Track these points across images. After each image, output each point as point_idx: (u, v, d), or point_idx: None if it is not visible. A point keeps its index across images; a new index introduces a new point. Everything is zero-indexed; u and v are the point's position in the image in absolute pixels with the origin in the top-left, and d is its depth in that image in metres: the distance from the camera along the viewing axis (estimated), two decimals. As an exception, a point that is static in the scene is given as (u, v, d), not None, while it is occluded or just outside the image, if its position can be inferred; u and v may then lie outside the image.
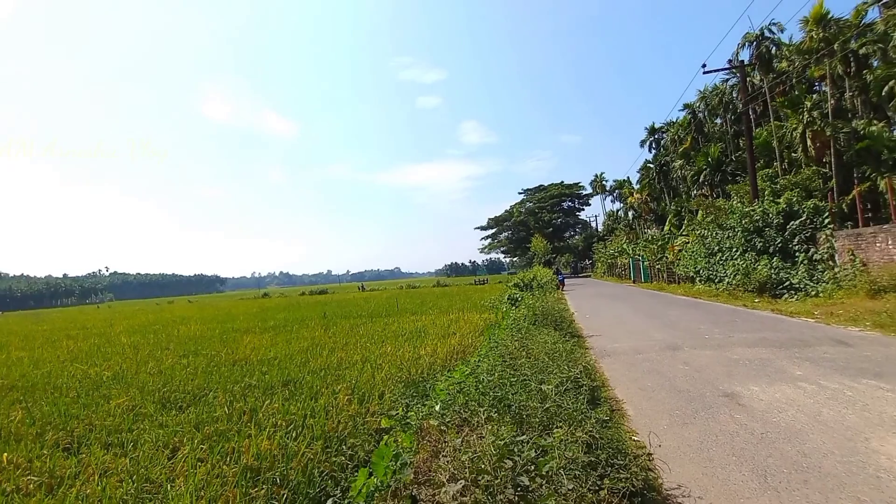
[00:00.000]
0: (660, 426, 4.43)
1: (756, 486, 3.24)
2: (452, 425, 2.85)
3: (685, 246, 24.91)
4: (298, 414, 4.72)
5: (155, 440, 4.32)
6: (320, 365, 7.39)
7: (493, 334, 7.82)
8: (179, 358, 9.27)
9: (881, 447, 3.68)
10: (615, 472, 2.61)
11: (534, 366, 4.84)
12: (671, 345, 8.59)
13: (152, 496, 3.27)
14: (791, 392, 5.20)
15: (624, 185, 67.08)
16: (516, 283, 23.40)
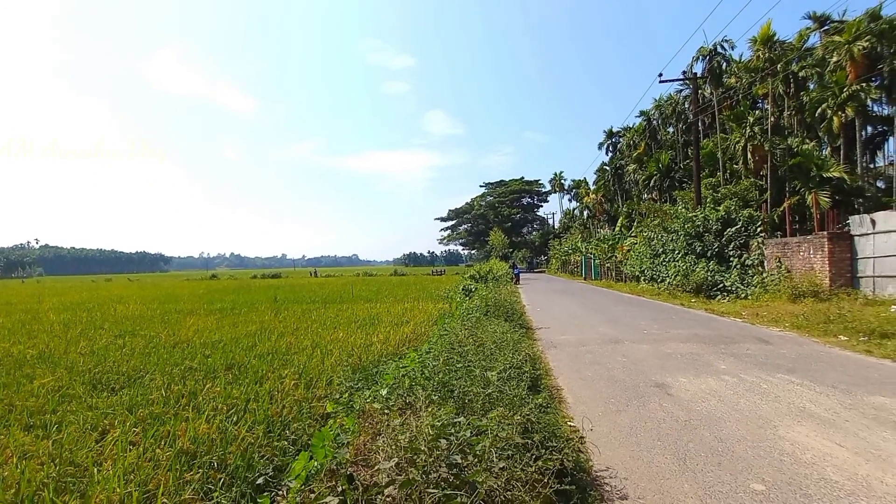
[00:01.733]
0: (595, 413, 4.70)
1: (676, 468, 3.52)
2: (395, 408, 2.90)
3: (633, 247, 26.13)
4: (241, 398, 4.61)
5: (82, 422, 4.09)
6: (268, 349, 7.22)
7: (446, 323, 7.93)
8: (115, 338, 8.76)
9: (786, 434, 4.08)
10: (548, 454, 2.76)
11: (480, 354, 4.97)
12: (613, 338, 9.05)
13: (76, 480, 3.11)
14: (714, 384, 5.64)
15: (581, 185, 69.21)
16: (472, 274, 23.73)
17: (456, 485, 1.84)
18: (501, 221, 79.40)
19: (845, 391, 5.17)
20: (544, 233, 79.55)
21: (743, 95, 33.83)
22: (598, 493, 3.13)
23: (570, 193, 78.97)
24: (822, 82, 28.83)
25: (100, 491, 2.73)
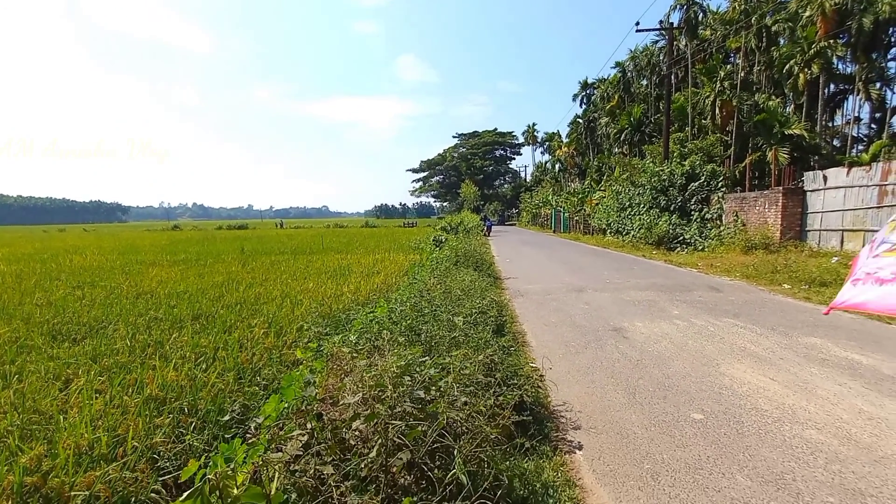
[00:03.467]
0: (556, 354, 4.98)
1: (626, 402, 3.82)
2: (363, 352, 2.99)
3: (601, 200, 26.65)
4: (209, 347, 4.60)
5: (44, 372, 4.02)
6: (236, 300, 7.15)
7: (416, 273, 8.02)
8: (73, 289, 8.45)
9: (727, 371, 4.46)
10: (509, 390, 2.94)
11: (448, 300, 5.10)
12: (577, 287, 9.42)
13: (42, 427, 3.10)
14: (667, 328, 6.03)
15: (554, 138, 68.92)
16: (443, 226, 23.78)
17: (419, 417, 1.96)
18: (474, 174, 78.79)
19: (783, 333, 5.64)
20: (516, 186, 79.71)
21: (716, 49, 33.75)
22: (554, 424, 3.39)
23: (542, 146, 78.61)
24: (793, 38, 29.03)
25: (67, 437, 2.74)
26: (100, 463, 2.56)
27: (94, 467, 2.48)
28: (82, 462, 2.53)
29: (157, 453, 2.77)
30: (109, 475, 2.39)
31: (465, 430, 2.11)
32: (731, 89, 29.72)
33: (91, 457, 2.60)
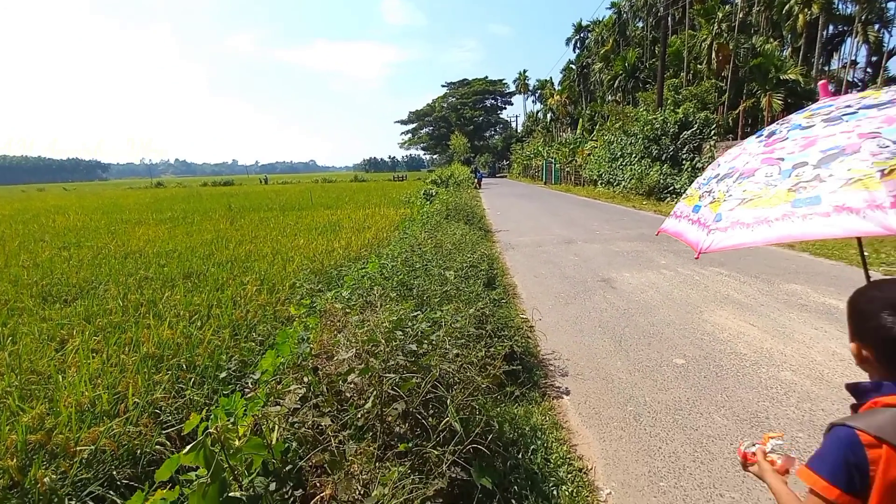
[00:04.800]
0: (545, 305, 5.10)
1: (612, 349, 3.97)
2: (356, 307, 3.03)
3: (593, 151, 26.33)
4: (203, 305, 4.63)
5: (38, 334, 4.04)
6: (226, 257, 7.13)
7: (407, 227, 8.00)
8: (59, 250, 8.35)
9: (709, 317, 4.61)
10: (500, 342, 3.03)
11: (439, 255, 5.13)
12: (567, 239, 9.51)
13: (41, 387, 3.14)
14: (654, 277, 6.17)
15: (546, 86, 66.82)
16: (434, 179, 23.50)
17: (413, 370, 2.02)
18: (464, 124, 76.85)
19: (765, 280, 5.80)
20: (507, 137, 78.12)
21: (716, -13, 32.22)
22: (543, 372, 3.53)
23: (534, 95, 76.33)
24: (795, -26, 27.77)
25: (67, 395, 2.79)
26: (102, 419, 2.63)
27: (97, 423, 2.55)
28: (85, 419, 2.60)
29: (159, 408, 2.85)
30: (113, 430, 2.47)
31: (458, 380, 2.19)
32: (728, 32, 28.71)
33: (93, 413, 2.67)
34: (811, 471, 0.96)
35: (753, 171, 1.18)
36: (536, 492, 2.11)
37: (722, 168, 1.35)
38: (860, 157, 0.97)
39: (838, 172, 0.98)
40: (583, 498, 2.20)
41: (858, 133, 1.03)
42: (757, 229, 1.05)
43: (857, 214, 0.91)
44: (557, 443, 2.62)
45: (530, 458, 2.35)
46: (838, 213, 0.93)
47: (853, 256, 6.78)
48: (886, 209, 0.87)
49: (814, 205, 0.97)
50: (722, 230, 1.14)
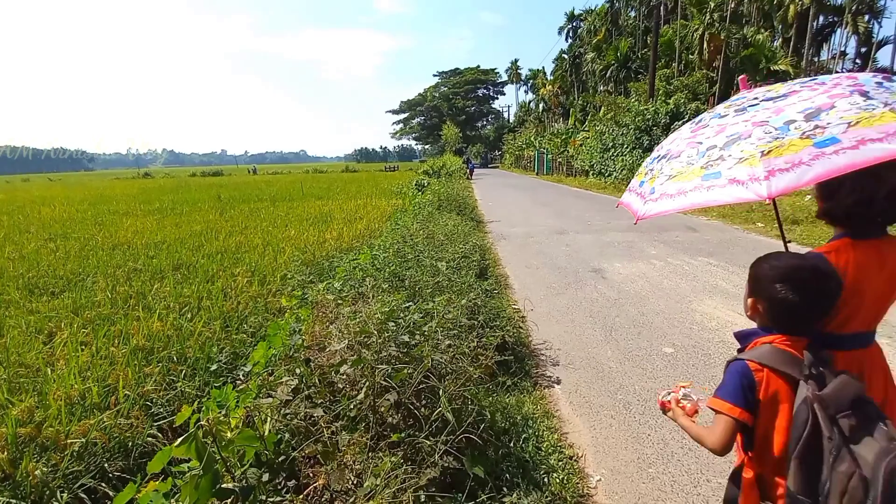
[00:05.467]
0: (537, 296, 5.13)
1: (602, 339, 4.01)
2: (348, 298, 3.02)
3: (585, 141, 26.33)
4: (193, 297, 4.59)
5: (25, 326, 3.99)
6: (216, 249, 7.07)
7: (398, 218, 7.98)
8: (45, 242, 8.22)
9: (698, 307, 4.67)
10: (491, 332, 3.05)
11: (431, 245, 5.13)
12: (559, 230, 9.54)
13: (30, 380, 3.11)
14: (644, 267, 6.23)
15: (538, 76, 66.51)
16: (425, 170, 23.40)
17: (405, 361, 2.03)
18: (456, 114, 76.37)
19: (753, 270, 5.87)
20: (499, 127, 77.80)
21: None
22: (534, 362, 3.56)
23: (526, 84, 75.96)
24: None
25: (56, 388, 2.77)
26: (93, 412, 2.61)
27: (87, 416, 2.54)
28: (75, 412, 2.58)
29: (150, 401, 2.84)
30: (104, 423, 2.45)
31: (450, 370, 2.20)
32: (720, 22, 28.73)
33: (83, 406, 2.65)
34: (718, 398, 1.24)
35: (680, 152, 1.39)
36: (528, 479, 2.14)
37: (662, 150, 1.56)
38: (750, 141, 1.18)
39: (734, 153, 1.19)
40: (573, 485, 2.24)
41: (753, 122, 1.24)
42: (677, 198, 1.27)
43: (742, 185, 1.11)
44: (548, 431, 2.65)
45: (522, 446, 2.38)
46: (730, 185, 1.13)
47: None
48: (761, 181, 1.08)
49: (716, 178, 1.19)
50: (653, 200, 1.36)
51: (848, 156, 1.03)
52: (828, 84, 1.27)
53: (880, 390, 1.36)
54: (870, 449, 1.02)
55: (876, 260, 1.30)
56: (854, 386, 1.10)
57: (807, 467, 1.09)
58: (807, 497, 1.09)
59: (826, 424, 1.06)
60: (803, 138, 1.11)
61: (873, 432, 1.04)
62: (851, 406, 1.07)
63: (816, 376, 1.12)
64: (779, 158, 1.09)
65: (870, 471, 1.00)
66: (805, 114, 1.17)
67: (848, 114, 1.11)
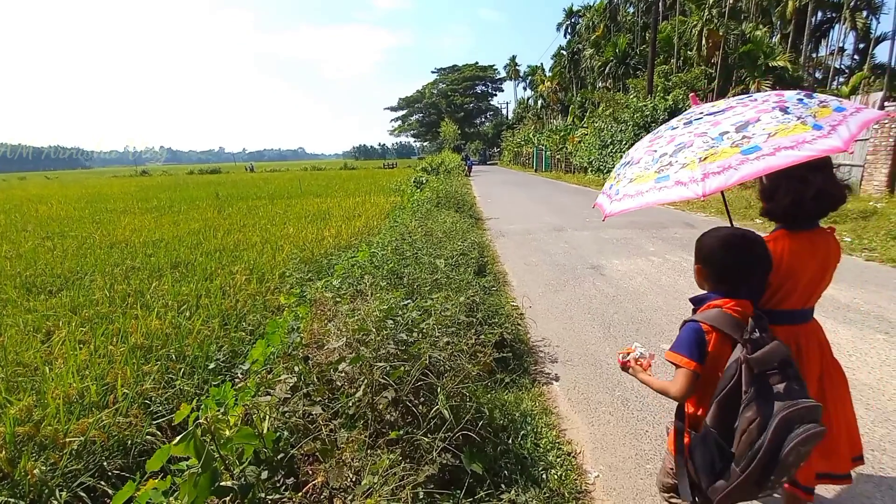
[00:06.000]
0: (536, 293, 5.13)
1: (600, 335, 4.02)
2: (346, 296, 3.02)
3: (584, 138, 26.30)
4: (191, 295, 4.59)
5: (23, 325, 3.98)
6: (215, 247, 7.06)
7: (397, 215, 7.97)
8: (42, 240, 8.20)
9: (696, 304, 4.68)
10: (490, 329, 3.05)
11: (430, 243, 5.13)
12: (558, 226, 9.55)
13: (28, 379, 3.11)
14: (643, 264, 6.23)
15: (536, 72, 66.34)
16: (424, 167, 23.37)
17: (403, 358, 2.03)
18: (454, 111, 76.19)
19: (751, 266, 5.88)
20: (497, 123, 77.64)
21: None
22: (532, 359, 3.57)
23: (525, 81, 75.79)
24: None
25: (55, 387, 2.76)
26: (91, 410, 2.61)
27: (85, 415, 2.54)
28: (73, 410, 2.58)
29: (149, 399, 2.84)
30: (103, 421, 2.45)
31: (448, 368, 2.20)
32: (718, 18, 28.67)
33: (82, 405, 2.65)
34: (676, 353, 1.47)
35: (640, 159, 1.61)
36: (526, 476, 2.15)
37: (627, 158, 1.78)
38: (692, 149, 1.40)
39: (680, 160, 1.40)
40: (571, 481, 2.25)
41: (695, 133, 1.46)
42: (636, 198, 1.48)
43: (685, 186, 1.31)
44: (547, 428, 2.66)
45: (520, 443, 2.39)
46: (676, 186, 1.34)
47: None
48: (699, 182, 1.28)
49: (665, 181, 1.39)
50: (618, 200, 1.59)
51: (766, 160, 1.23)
52: (758, 101, 1.49)
53: (816, 362, 1.60)
54: (778, 404, 1.25)
55: (808, 248, 1.56)
56: (782, 351, 1.31)
57: (722, 410, 1.35)
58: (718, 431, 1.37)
59: (746, 382, 1.29)
60: (733, 146, 1.31)
61: (787, 391, 1.27)
62: (778, 367, 1.30)
63: (754, 341, 1.32)
64: (713, 163, 1.30)
65: (767, 420, 1.24)
66: (736, 126, 1.38)
67: (769, 126, 1.32)
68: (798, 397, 1.27)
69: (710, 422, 1.39)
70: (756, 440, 1.25)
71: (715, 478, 1.39)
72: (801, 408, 1.25)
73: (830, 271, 1.63)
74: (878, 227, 7.30)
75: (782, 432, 1.23)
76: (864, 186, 10.36)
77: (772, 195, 1.60)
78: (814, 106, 1.41)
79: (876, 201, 9.30)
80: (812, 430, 1.24)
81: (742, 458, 1.29)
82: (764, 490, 1.34)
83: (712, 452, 1.39)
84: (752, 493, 1.36)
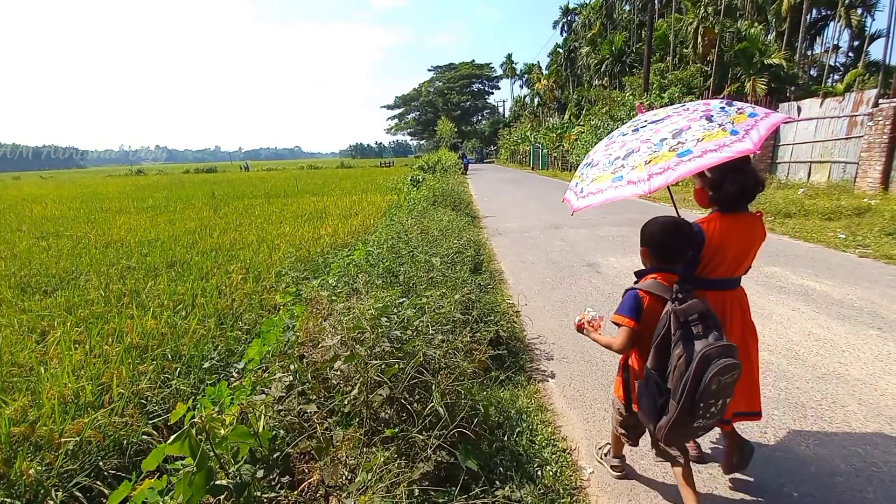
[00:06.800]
0: (532, 290, 5.15)
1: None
2: (342, 295, 3.03)
3: (580, 136, 26.32)
4: (187, 294, 4.58)
5: (17, 325, 3.97)
6: (211, 246, 7.04)
7: (393, 214, 7.97)
8: (37, 240, 8.17)
9: (691, 301, 4.70)
10: (485, 327, 3.06)
11: (426, 241, 5.13)
12: (554, 224, 9.57)
13: (23, 379, 3.10)
14: (638, 261, 6.25)
15: (533, 70, 66.30)
16: (420, 165, 23.35)
17: (398, 356, 2.04)
18: (451, 109, 76.14)
19: (746, 263, 5.92)
20: (494, 122, 77.60)
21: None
22: (528, 357, 3.58)
23: (521, 79, 75.75)
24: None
25: (50, 387, 2.76)
26: (87, 410, 2.60)
27: (81, 415, 2.53)
28: (69, 410, 2.57)
29: (145, 399, 2.84)
30: (98, 421, 2.45)
31: (443, 365, 2.21)
32: (714, 15, 28.73)
33: (77, 405, 2.65)
34: (619, 315, 1.80)
35: (598, 161, 1.90)
36: (521, 472, 2.16)
37: (589, 159, 2.05)
38: (639, 154, 1.68)
39: (630, 163, 1.69)
40: (566, 477, 2.26)
41: (641, 140, 1.75)
42: (597, 195, 1.74)
43: (635, 185, 1.60)
44: (542, 425, 2.67)
45: (516, 440, 2.40)
46: (628, 185, 1.63)
47: (830, 239, 6.96)
48: (645, 181, 1.57)
49: (619, 180, 1.67)
50: (583, 197, 1.85)
51: (696, 161, 1.53)
52: (689, 110, 1.78)
53: (739, 320, 1.96)
54: (699, 344, 1.55)
55: (735, 228, 1.87)
56: (701, 305, 1.62)
57: (658, 354, 1.64)
58: (656, 372, 1.65)
59: (674, 327, 1.59)
60: (670, 151, 1.60)
61: (707, 335, 1.57)
62: (699, 317, 1.60)
63: (680, 299, 1.63)
64: (655, 165, 1.59)
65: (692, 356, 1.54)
66: (672, 133, 1.67)
67: (698, 133, 1.62)
68: (716, 340, 1.55)
69: (650, 364, 1.67)
70: (685, 373, 1.54)
71: (658, 416, 1.66)
72: (718, 346, 1.53)
73: (755, 248, 1.94)
74: (871, 224, 7.35)
75: (703, 365, 1.51)
76: (859, 183, 10.42)
77: (719, 186, 1.86)
78: (733, 113, 1.69)
79: (870, 198, 9.36)
80: (727, 362, 1.52)
81: (676, 391, 1.57)
82: (696, 421, 1.60)
83: (653, 391, 1.66)
84: (688, 426, 1.62)
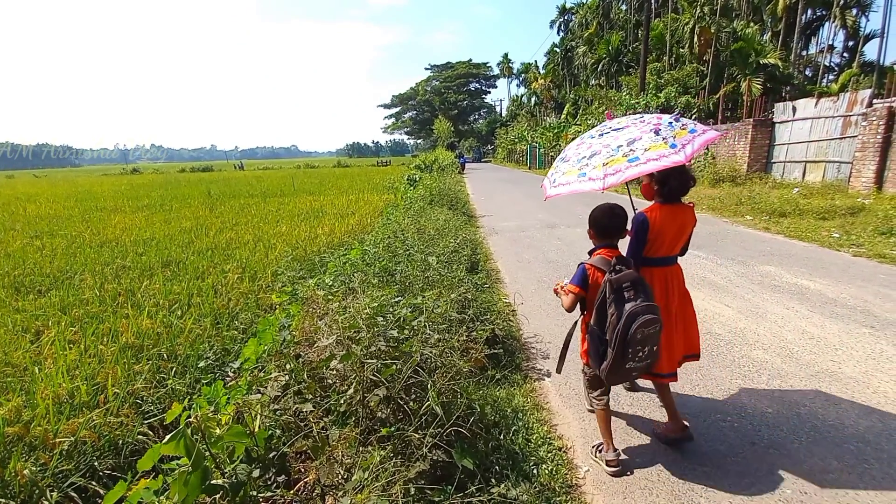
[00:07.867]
0: (528, 290, 5.16)
1: (592, 332, 4.05)
2: (338, 294, 3.02)
3: (577, 135, 26.37)
4: (183, 293, 4.57)
5: (11, 325, 3.94)
6: (207, 245, 7.02)
7: (390, 213, 7.96)
8: (31, 239, 8.11)
9: (686, 300, 4.73)
10: (482, 326, 3.06)
11: (422, 240, 5.13)
12: (550, 223, 9.58)
13: (17, 380, 3.08)
14: (634, 261, 6.27)
15: (530, 70, 66.33)
16: (417, 164, 23.34)
17: (394, 356, 2.04)
18: (448, 108, 76.15)
19: (741, 262, 5.95)
20: (491, 121, 77.58)
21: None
22: (524, 355, 3.59)
23: (518, 78, 75.75)
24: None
25: (44, 387, 2.74)
26: (82, 410, 2.59)
27: (76, 415, 2.52)
28: (63, 411, 2.56)
29: (140, 398, 2.83)
30: (93, 421, 2.44)
31: (439, 365, 2.22)
32: (710, 15, 28.83)
33: (72, 405, 2.64)
34: (570, 284, 2.29)
35: (570, 158, 2.35)
36: (517, 471, 2.17)
37: (563, 154, 2.49)
38: (600, 156, 2.11)
39: (593, 163, 2.12)
40: (562, 476, 2.27)
41: (602, 144, 2.18)
42: (566, 186, 2.20)
43: (594, 181, 2.04)
44: (538, 423, 2.68)
45: (511, 438, 2.41)
46: (589, 181, 2.07)
47: (824, 238, 7.00)
48: (602, 179, 2.00)
49: (584, 176, 2.12)
50: (554, 186, 2.32)
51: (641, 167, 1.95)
52: (645, 122, 2.19)
53: (676, 292, 2.43)
54: (629, 305, 2.00)
55: (673, 215, 2.34)
56: (633, 276, 2.06)
57: (599, 313, 2.10)
58: (597, 327, 2.13)
59: (609, 292, 2.04)
60: (623, 156, 2.02)
61: (637, 299, 2.02)
62: (631, 284, 2.04)
63: (615, 270, 2.07)
64: (610, 167, 2.00)
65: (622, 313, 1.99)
66: (627, 141, 2.08)
67: (646, 143, 2.02)
68: (643, 302, 2.00)
69: (592, 321, 2.16)
70: (616, 326, 2.00)
71: (601, 361, 2.13)
72: (642, 305, 1.99)
73: (688, 231, 2.44)
74: (865, 223, 7.41)
75: (630, 319, 1.97)
76: (853, 183, 10.49)
77: (665, 182, 2.31)
78: (677, 128, 2.09)
79: (864, 198, 9.43)
80: (649, 317, 1.98)
81: (611, 341, 2.03)
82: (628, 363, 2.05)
83: (596, 342, 2.15)
84: (622, 368, 2.08)
